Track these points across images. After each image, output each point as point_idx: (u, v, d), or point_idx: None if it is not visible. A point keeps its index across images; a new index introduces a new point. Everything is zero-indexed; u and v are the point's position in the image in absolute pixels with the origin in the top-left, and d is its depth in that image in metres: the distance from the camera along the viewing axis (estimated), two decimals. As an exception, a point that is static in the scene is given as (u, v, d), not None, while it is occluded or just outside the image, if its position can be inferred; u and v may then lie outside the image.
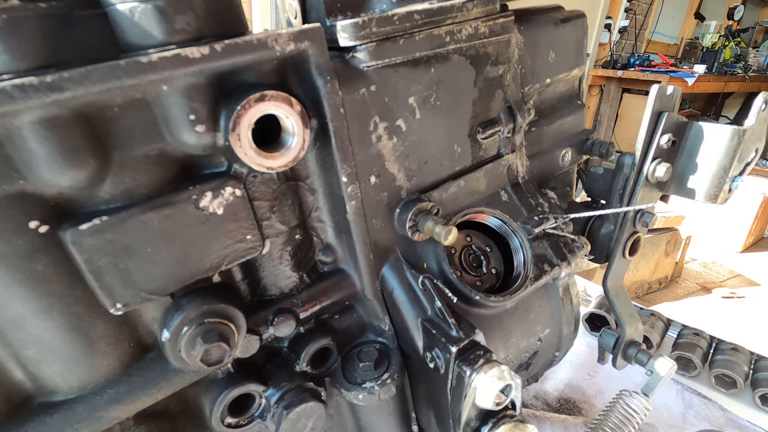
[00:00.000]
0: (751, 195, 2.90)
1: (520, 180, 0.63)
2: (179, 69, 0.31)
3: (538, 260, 0.58)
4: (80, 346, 0.36)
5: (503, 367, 0.42)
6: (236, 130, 0.34)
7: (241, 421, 0.47)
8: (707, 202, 0.59)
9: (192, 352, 0.37)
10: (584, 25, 0.66)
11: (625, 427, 0.66)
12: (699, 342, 1.03)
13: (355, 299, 0.53)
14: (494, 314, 0.57)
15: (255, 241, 0.40)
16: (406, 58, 0.45)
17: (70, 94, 0.27)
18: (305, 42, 0.36)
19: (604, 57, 4.09)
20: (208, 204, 0.36)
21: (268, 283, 0.46)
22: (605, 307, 1.06)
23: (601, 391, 0.97)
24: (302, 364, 0.48)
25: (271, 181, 0.42)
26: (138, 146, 0.33)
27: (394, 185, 0.49)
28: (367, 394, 0.49)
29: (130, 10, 0.30)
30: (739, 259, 3.08)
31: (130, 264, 0.34)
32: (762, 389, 0.92)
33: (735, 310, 2.55)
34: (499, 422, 0.43)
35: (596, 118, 4.28)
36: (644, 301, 2.61)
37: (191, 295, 0.39)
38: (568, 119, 0.69)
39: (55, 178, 0.30)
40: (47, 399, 0.37)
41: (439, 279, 0.50)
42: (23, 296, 0.32)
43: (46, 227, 0.31)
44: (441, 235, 0.45)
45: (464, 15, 0.48)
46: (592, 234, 0.71)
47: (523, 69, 0.59)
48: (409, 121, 0.48)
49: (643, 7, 4.18)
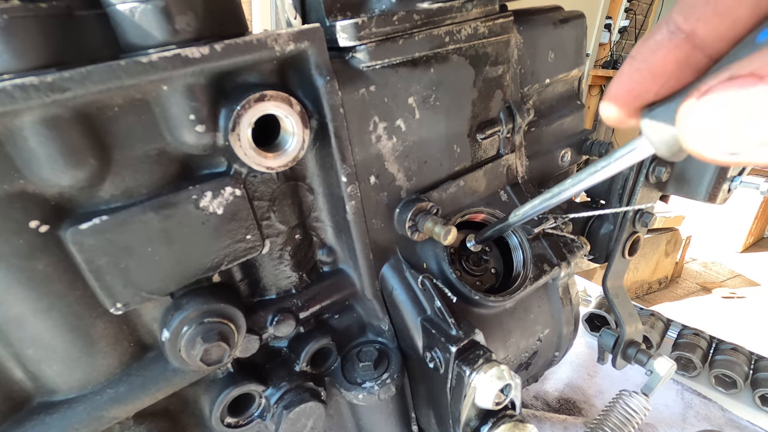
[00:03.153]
0: (751, 195, 2.90)
1: (520, 180, 0.63)
2: (179, 69, 0.31)
3: (537, 260, 0.59)
4: (80, 345, 0.36)
5: (503, 366, 0.42)
6: (236, 129, 0.34)
7: (240, 420, 0.47)
8: (706, 202, 0.60)
9: (192, 351, 0.37)
10: (583, 26, 0.67)
11: (624, 427, 0.66)
12: (699, 342, 1.03)
13: (354, 299, 0.53)
14: (494, 314, 0.57)
15: (255, 240, 0.40)
16: (405, 59, 0.45)
17: (71, 94, 0.28)
18: (305, 42, 0.37)
19: (604, 57, 4.09)
20: (208, 204, 0.36)
21: (268, 283, 0.46)
22: (605, 307, 1.06)
23: (601, 391, 0.97)
24: (302, 364, 0.48)
25: (270, 181, 0.42)
26: (138, 146, 0.33)
27: (393, 185, 0.49)
28: (367, 393, 0.49)
29: (131, 11, 0.30)
30: (739, 259, 3.08)
31: (130, 263, 0.34)
32: (762, 389, 0.92)
33: (735, 310, 2.55)
34: (499, 422, 0.43)
35: (596, 118, 4.28)
36: (644, 301, 2.61)
37: (191, 294, 0.39)
38: (567, 119, 0.70)
39: (55, 177, 0.30)
40: (47, 398, 0.37)
41: (439, 279, 0.50)
42: (23, 296, 0.32)
43: (47, 227, 0.31)
44: (440, 235, 0.46)
45: (463, 15, 0.48)
46: (592, 234, 0.71)
47: (523, 69, 0.59)
48: (408, 121, 0.48)
49: (643, 7, 4.19)
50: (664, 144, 0.24)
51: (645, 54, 0.23)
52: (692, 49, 0.21)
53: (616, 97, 0.25)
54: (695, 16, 0.21)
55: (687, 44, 0.21)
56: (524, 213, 0.44)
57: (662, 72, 0.23)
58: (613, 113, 0.25)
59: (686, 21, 0.21)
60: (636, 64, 0.23)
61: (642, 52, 0.23)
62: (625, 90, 0.24)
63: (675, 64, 0.22)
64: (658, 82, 0.23)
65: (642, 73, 0.23)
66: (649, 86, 0.23)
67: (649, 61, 0.23)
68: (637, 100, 0.24)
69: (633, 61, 0.24)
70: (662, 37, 0.22)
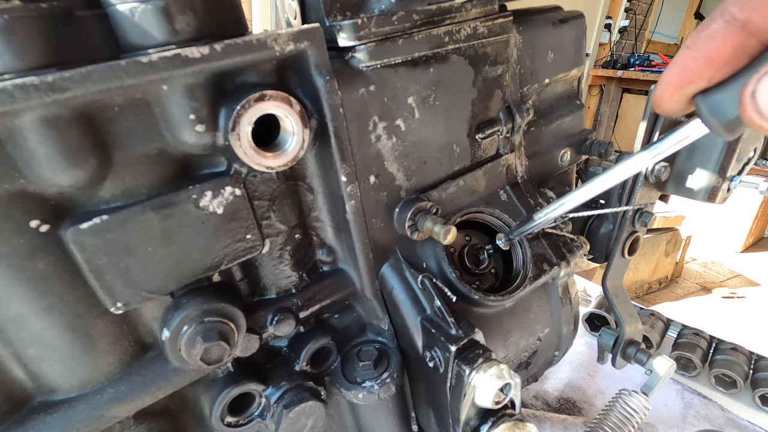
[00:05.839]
0: (751, 195, 2.90)
1: (519, 180, 0.63)
2: (179, 69, 0.31)
3: (537, 260, 0.59)
4: (81, 345, 0.36)
5: (502, 366, 0.42)
6: (236, 129, 0.34)
7: (240, 420, 0.47)
8: (706, 202, 0.60)
9: (192, 351, 0.37)
10: (583, 26, 0.67)
11: (624, 426, 0.66)
12: (699, 342, 1.03)
13: (354, 299, 0.53)
14: (493, 313, 0.57)
15: (255, 240, 0.40)
16: (405, 58, 0.45)
17: (71, 94, 0.28)
18: (305, 42, 0.37)
19: (604, 57, 4.09)
20: (208, 203, 0.36)
21: (268, 283, 0.46)
22: (605, 307, 1.06)
23: (601, 391, 0.97)
24: (302, 364, 0.48)
25: (270, 180, 0.42)
26: (138, 146, 0.33)
27: (393, 185, 0.49)
28: (367, 393, 0.49)
29: (131, 11, 0.30)
30: (739, 259, 3.08)
31: (131, 263, 0.34)
32: (762, 389, 0.92)
33: (735, 310, 2.55)
34: (499, 421, 0.43)
35: (596, 118, 4.28)
36: (644, 301, 2.61)
37: (191, 294, 0.39)
38: (567, 119, 0.70)
39: (55, 177, 0.30)
40: (47, 398, 0.37)
41: (439, 278, 0.50)
42: (24, 295, 0.32)
43: (47, 226, 0.31)
44: (440, 235, 0.46)
45: (463, 15, 0.48)
46: (591, 233, 0.71)
47: (522, 69, 0.59)
48: (408, 120, 0.48)
49: (643, 7, 4.19)
50: (725, 124, 0.26)
51: (701, 43, 0.25)
52: (747, 37, 0.24)
53: (670, 84, 0.27)
54: (751, 6, 0.23)
55: (742, 32, 0.24)
56: (575, 196, 0.45)
57: (718, 59, 0.25)
58: (666, 99, 0.28)
59: (742, 11, 0.23)
60: (692, 52, 0.26)
61: (698, 41, 0.25)
62: (679, 77, 0.26)
63: (731, 51, 0.24)
64: (713, 68, 0.25)
65: (698, 61, 0.25)
66: (704, 72, 0.25)
67: (705, 49, 0.25)
68: (691, 86, 0.26)
69: (688, 50, 0.26)
70: (718, 26, 0.24)
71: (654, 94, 0.29)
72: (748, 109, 0.23)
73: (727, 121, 0.26)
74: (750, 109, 0.23)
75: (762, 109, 0.22)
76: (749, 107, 0.23)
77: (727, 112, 0.25)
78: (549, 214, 0.48)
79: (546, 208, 0.48)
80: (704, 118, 0.27)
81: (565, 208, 0.46)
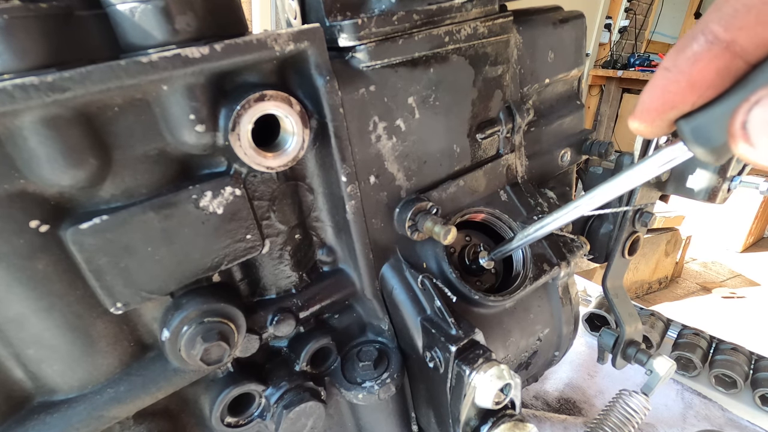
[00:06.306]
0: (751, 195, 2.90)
1: (519, 180, 0.63)
2: (179, 69, 0.31)
3: (537, 260, 0.59)
4: (80, 345, 0.36)
5: (502, 366, 0.42)
6: (236, 129, 0.34)
7: (240, 420, 0.47)
8: (706, 202, 0.60)
9: (192, 351, 0.37)
10: (583, 26, 0.67)
11: (624, 426, 0.66)
12: (699, 342, 1.03)
13: (354, 299, 0.53)
14: (494, 314, 0.57)
15: (255, 240, 0.40)
16: (405, 58, 0.45)
17: (71, 94, 0.28)
18: (305, 42, 0.37)
19: (604, 57, 4.09)
20: (208, 203, 0.36)
21: (268, 283, 0.46)
22: (605, 307, 1.06)
23: (601, 391, 0.97)
24: (302, 364, 0.48)
25: (270, 180, 0.42)
26: (138, 146, 0.33)
27: (393, 185, 0.49)
28: (367, 393, 0.49)
29: (131, 11, 0.30)
30: (739, 259, 3.08)
31: (131, 263, 0.34)
32: (762, 389, 0.92)
33: (735, 310, 2.55)
34: (499, 421, 0.43)
35: (596, 118, 4.28)
36: (644, 301, 2.61)
37: (191, 294, 0.39)
38: (567, 119, 0.70)
39: (55, 177, 0.30)
40: (47, 398, 0.37)
41: (439, 278, 0.50)
42: (24, 296, 0.32)
43: (47, 227, 0.31)
44: (440, 235, 0.46)
45: (463, 15, 0.48)
46: (592, 234, 0.71)
47: (522, 69, 0.59)
48: (408, 121, 0.48)
49: (643, 7, 4.19)
50: (711, 151, 0.24)
51: (682, 65, 0.23)
52: (732, 58, 0.22)
53: (651, 109, 0.25)
54: (736, 25, 0.21)
55: (727, 53, 0.22)
56: (546, 223, 0.45)
57: (701, 83, 0.23)
58: (646, 125, 0.26)
59: (726, 30, 0.21)
60: (673, 75, 0.23)
61: (678, 63, 0.23)
62: (661, 102, 0.24)
63: (715, 74, 0.22)
64: (697, 92, 0.23)
65: (680, 85, 0.23)
66: (688, 97, 0.23)
67: (687, 72, 0.23)
68: (674, 111, 0.24)
69: (668, 72, 0.24)
70: (700, 47, 0.22)
71: (633, 118, 0.26)
72: (739, 141, 0.21)
73: (713, 148, 0.24)
74: (741, 141, 0.21)
75: (755, 141, 0.20)
76: (740, 139, 0.21)
77: (713, 139, 0.23)
78: (529, 236, 0.47)
79: (524, 230, 0.47)
80: (688, 144, 0.25)
81: (544, 231, 0.45)
